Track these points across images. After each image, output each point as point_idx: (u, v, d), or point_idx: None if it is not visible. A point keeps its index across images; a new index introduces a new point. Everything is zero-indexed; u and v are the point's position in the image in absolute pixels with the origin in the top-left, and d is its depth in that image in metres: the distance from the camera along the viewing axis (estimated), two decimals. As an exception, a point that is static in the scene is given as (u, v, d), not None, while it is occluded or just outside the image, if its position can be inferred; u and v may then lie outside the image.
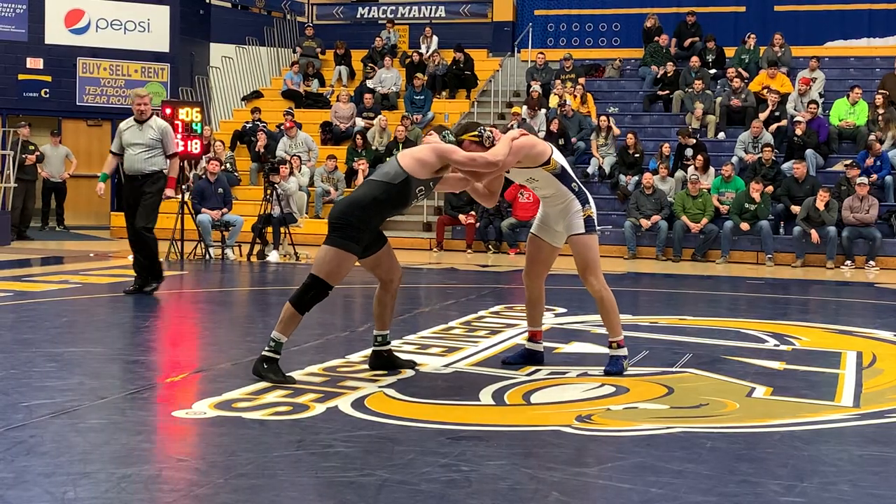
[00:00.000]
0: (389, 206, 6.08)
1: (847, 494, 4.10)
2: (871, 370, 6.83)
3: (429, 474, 4.20)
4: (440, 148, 6.03)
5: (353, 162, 18.76)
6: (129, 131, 10.39)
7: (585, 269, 6.39)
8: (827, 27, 22.04)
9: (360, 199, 6.02)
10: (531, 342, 6.78)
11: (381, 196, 5.99)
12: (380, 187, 6.00)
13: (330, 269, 6.07)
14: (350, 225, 6.02)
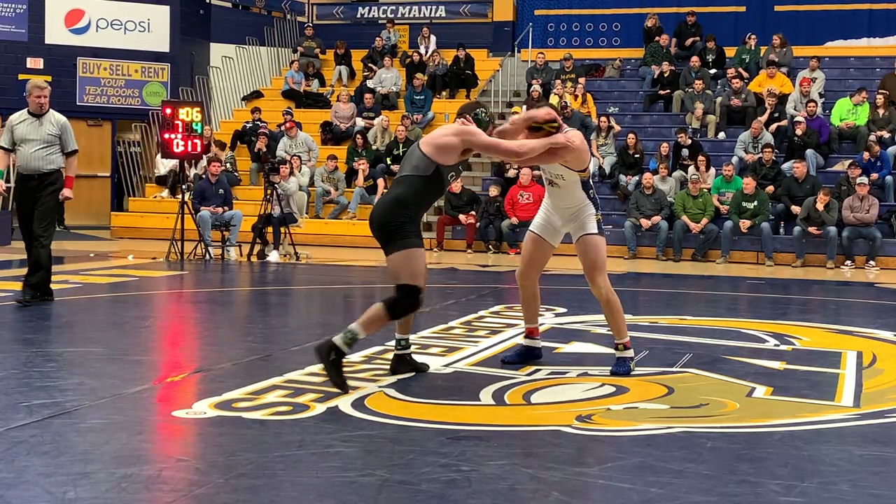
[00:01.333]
0: (429, 197, 6.14)
1: (847, 494, 4.10)
2: (871, 370, 6.83)
3: (429, 474, 4.20)
4: (463, 130, 6.04)
5: (354, 162, 18.76)
6: (24, 125, 9.38)
7: (594, 270, 6.42)
8: (827, 27, 22.04)
9: (402, 196, 6.01)
10: (528, 339, 6.79)
11: (420, 189, 6.01)
12: (416, 182, 6.00)
13: (410, 271, 5.90)
14: (404, 223, 5.96)
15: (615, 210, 17.47)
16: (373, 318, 5.87)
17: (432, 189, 6.07)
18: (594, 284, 6.43)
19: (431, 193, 6.10)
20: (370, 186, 18.30)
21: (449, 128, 6.15)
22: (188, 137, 15.15)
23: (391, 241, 5.93)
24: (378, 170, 18.57)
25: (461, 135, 6.02)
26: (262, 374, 6.15)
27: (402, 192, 6.02)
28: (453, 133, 6.03)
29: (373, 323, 5.87)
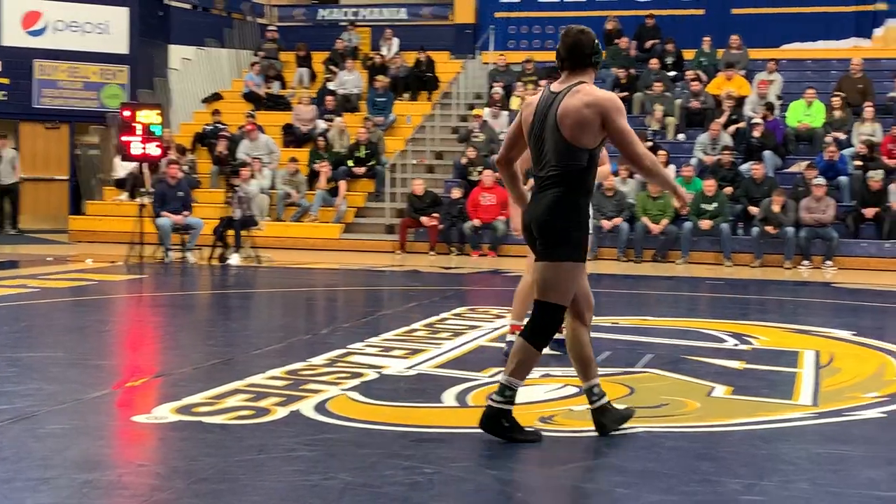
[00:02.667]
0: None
1: (806, 492, 4.15)
2: (828, 369, 6.91)
3: (392, 477, 4.20)
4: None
5: (315, 164, 18.71)
6: None
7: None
8: (783, 30, 22.24)
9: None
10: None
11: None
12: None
13: (564, 290, 4.89)
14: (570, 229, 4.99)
15: (576, 211, 17.51)
16: (524, 360, 4.87)
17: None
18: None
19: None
20: (332, 189, 18.25)
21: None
22: (148, 140, 15.04)
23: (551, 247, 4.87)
24: (340, 172, 18.53)
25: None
26: (224, 379, 6.11)
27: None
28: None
29: (523, 365, 4.88)
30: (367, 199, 18.88)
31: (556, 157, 4.82)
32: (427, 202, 17.25)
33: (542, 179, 4.89)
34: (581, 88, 4.82)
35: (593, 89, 4.85)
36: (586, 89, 4.83)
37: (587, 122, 4.75)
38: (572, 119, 4.76)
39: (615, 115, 4.76)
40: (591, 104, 4.76)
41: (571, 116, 4.76)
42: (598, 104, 4.76)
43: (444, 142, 20.20)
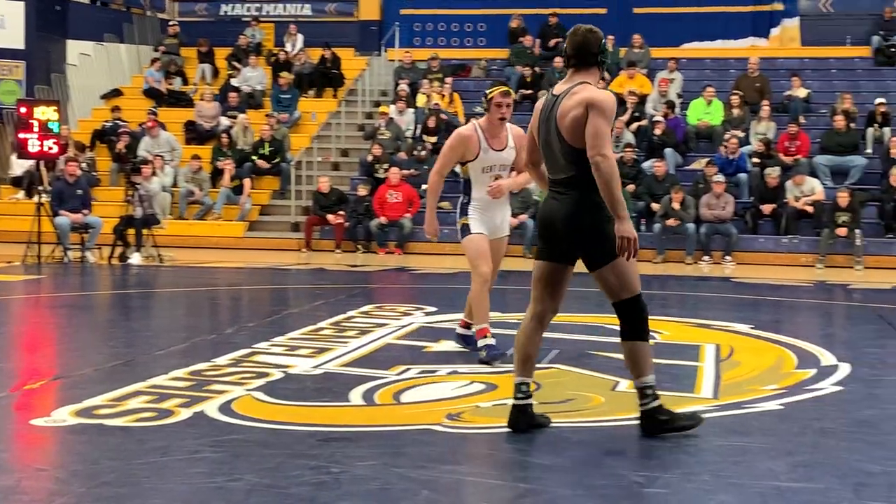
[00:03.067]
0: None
1: (708, 484, 4.22)
2: (728, 362, 7.05)
3: (298, 477, 4.16)
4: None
5: (219, 161, 18.48)
6: None
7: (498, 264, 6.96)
8: (684, 29, 22.63)
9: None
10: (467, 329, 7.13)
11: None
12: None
13: (631, 282, 5.04)
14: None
15: (482, 209, 17.60)
16: (641, 357, 4.99)
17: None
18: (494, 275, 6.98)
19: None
20: (236, 187, 18.05)
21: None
22: (45, 137, 14.68)
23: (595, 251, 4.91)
24: (245, 169, 18.33)
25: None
26: (125, 380, 6.00)
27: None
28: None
29: (645, 361, 4.99)
30: (271, 197, 18.72)
31: (565, 160, 4.83)
32: (333, 200, 17.17)
33: (556, 183, 4.93)
34: (578, 89, 4.84)
35: (590, 89, 4.85)
36: (583, 89, 4.83)
37: (580, 121, 4.74)
38: (568, 121, 4.78)
39: (597, 112, 4.72)
40: (581, 102, 4.76)
41: (567, 118, 4.78)
42: (586, 100, 4.75)
43: (350, 139, 20.12)
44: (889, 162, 16.66)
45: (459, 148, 6.79)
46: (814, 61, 21.48)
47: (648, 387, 4.92)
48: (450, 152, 6.85)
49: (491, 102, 6.78)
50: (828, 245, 15.50)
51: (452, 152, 6.83)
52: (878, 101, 18.30)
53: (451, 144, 6.86)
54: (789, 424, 5.30)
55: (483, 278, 6.77)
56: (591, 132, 4.70)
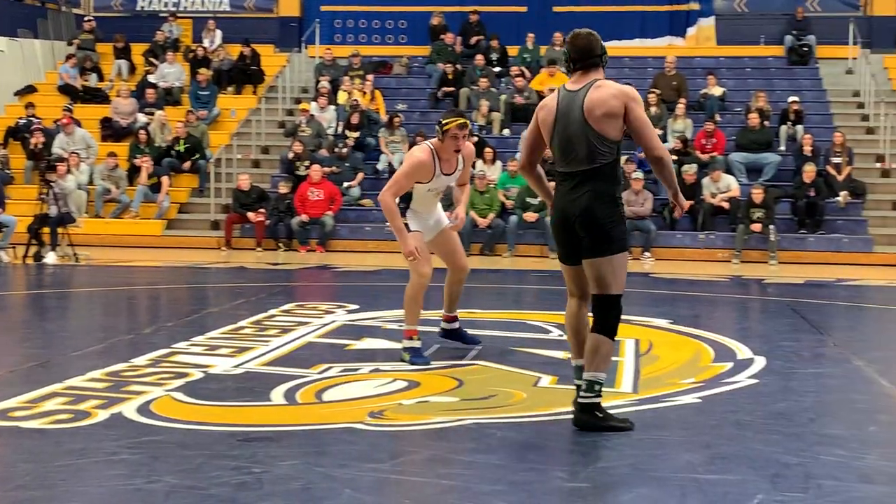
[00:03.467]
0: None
1: (628, 477, 4.27)
2: (648, 357, 7.14)
3: (219, 478, 4.12)
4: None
5: (136, 159, 18.20)
6: None
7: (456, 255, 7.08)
8: (602, 28, 22.48)
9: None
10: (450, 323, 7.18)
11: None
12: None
13: (621, 280, 5.11)
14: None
15: (404, 206, 17.59)
16: (604, 352, 5.06)
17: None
18: (464, 270, 7.09)
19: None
20: (154, 184, 17.80)
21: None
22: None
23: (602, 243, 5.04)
24: (163, 167, 18.09)
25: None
26: (41, 382, 5.89)
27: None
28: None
29: (606, 358, 5.08)
30: (190, 195, 18.50)
31: (587, 152, 5.04)
32: (253, 197, 17.02)
33: (572, 176, 5.09)
34: (603, 83, 5.10)
35: (614, 83, 5.14)
36: (608, 83, 5.11)
37: (614, 112, 5.01)
38: (601, 111, 5.00)
39: (636, 105, 5.06)
40: (616, 95, 5.03)
41: (600, 108, 5.00)
42: (623, 94, 5.05)
43: (270, 136, 19.96)
44: (802, 159, 17.04)
45: (416, 175, 6.69)
46: (729, 60, 21.86)
47: (598, 383, 5.05)
48: (406, 180, 6.68)
49: (447, 134, 6.63)
50: (743, 241, 15.79)
51: (409, 180, 6.68)
52: (792, 100, 18.69)
53: (407, 172, 6.67)
54: (707, 417, 5.39)
55: (423, 279, 6.73)
56: (641, 125, 5.06)
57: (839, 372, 6.70)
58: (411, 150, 6.96)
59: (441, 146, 6.70)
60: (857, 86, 20.72)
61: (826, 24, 21.87)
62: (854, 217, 16.80)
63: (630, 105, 5.03)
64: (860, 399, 5.89)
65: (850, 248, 16.11)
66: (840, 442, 4.83)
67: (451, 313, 7.21)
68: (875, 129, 19.07)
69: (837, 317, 10.12)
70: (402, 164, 6.82)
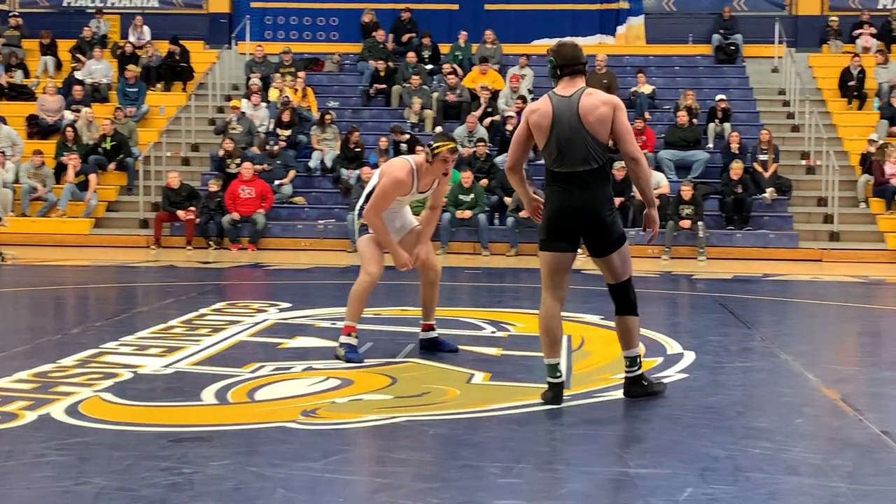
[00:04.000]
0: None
1: (561, 472, 4.31)
2: (580, 352, 7.20)
3: (149, 479, 4.08)
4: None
5: (63, 157, 17.92)
6: None
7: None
8: (534, 26, 22.99)
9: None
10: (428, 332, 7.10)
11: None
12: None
13: (629, 265, 5.72)
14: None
15: (338, 204, 17.58)
16: (634, 330, 5.67)
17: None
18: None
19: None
20: (81, 182, 17.53)
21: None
22: None
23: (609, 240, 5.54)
24: (90, 164, 17.82)
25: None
26: (-35, 384, 5.76)
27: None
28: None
29: (636, 334, 5.69)
30: (118, 193, 18.26)
31: (584, 154, 5.41)
32: (183, 195, 16.85)
33: (572, 176, 5.42)
34: (591, 91, 5.52)
35: (600, 91, 5.61)
36: (596, 91, 5.55)
37: (605, 118, 5.41)
38: (595, 116, 5.40)
39: (622, 113, 5.48)
40: (606, 102, 5.46)
41: (594, 114, 5.41)
42: (611, 102, 5.48)
43: (200, 133, 19.77)
44: (730, 156, 17.30)
45: (395, 193, 6.64)
46: (658, 59, 22.13)
47: (637, 356, 5.66)
48: (385, 200, 6.62)
49: (437, 157, 6.59)
50: (672, 237, 15.99)
51: (388, 199, 6.64)
52: (719, 98, 18.97)
53: (387, 191, 6.60)
54: (638, 412, 5.45)
55: (371, 278, 6.71)
56: (624, 130, 5.45)
57: (766, 366, 6.81)
58: (391, 166, 6.77)
59: (427, 167, 6.66)
60: (782, 84, 21.11)
61: (752, 24, 22.24)
62: (780, 213, 17.11)
63: (617, 113, 5.44)
64: (786, 392, 6.00)
65: (777, 243, 16.40)
66: (767, 435, 4.92)
67: (428, 322, 7.09)
68: (800, 126, 19.44)
69: (764, 311, 10.29)
70: (382, 179, 6.66)
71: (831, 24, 21.98)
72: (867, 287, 12.88)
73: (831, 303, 11.14)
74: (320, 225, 17.06)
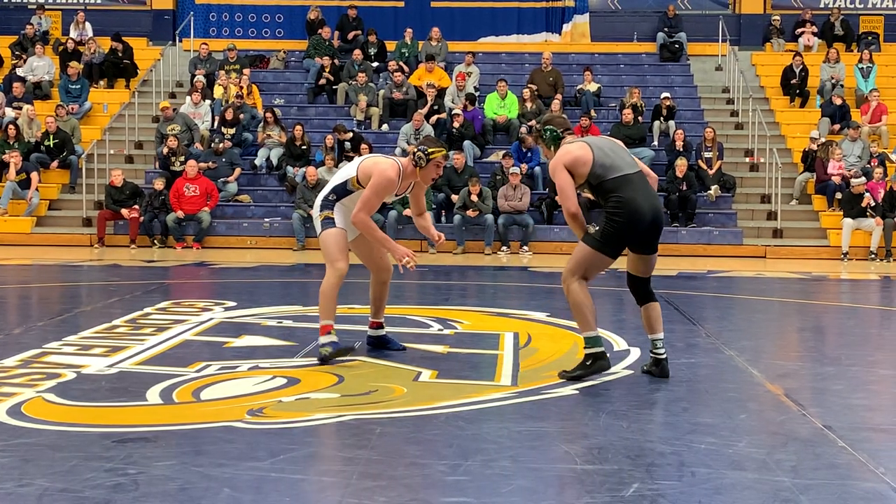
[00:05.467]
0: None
1: (507, 469, 4.32)
2: (527, 350, 7.22)
3: (93, 480, 4.03)
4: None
5: (4, 154, 17.65)
6: None
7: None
8: (480, 24, 23.06)
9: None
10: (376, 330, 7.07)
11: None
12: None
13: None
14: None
15: (284, 202, 17.49)
16: (658, 316, 6.38)
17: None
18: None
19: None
20: (23, 180, 17.27)
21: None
22: None
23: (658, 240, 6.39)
24: (31, 162, 17.56)
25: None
26: None
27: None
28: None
29: (660, 318, 6.38)
30: (61, 191, 18.03)
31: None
32: (126, 193, 16.67)
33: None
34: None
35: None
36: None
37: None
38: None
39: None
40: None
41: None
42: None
43: (144, 131, 19.56)
44: (674, 154, 17.46)
45: (384, 194, 6.56)
46: (603, 56, 22.27)
47: (662, 339, 6.29)
48: (377, 199, 6.53)
49: (431, 162, 6.52)
50: (619, 234, 16.08)
51: (379, 199, 6.56)
52: (664, 96, 19.14)
53: (378, 192, 6.48)
54: (584, 408, 5.48)
55: (340, 272, 6.54)
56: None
57: (711, 362, 6.88)
58: (378, 165, 6.58)
59: (411, 170, 6.57)
60: (726, 82, 21.35)
61: (696, 22, 22.48)
62: (724, 210, 17.31)
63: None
64: (731, 388, 6.07)
65: (721, 240, 16.59)
66: (712, 430, 4.96)
67: (377, 319, 7.05)
68: (744, 124, 19.68)
69: (709, 308, 10.40)
70: (374, 179, 6.48)
71: (774, 22, 22.27)
72: (810, 283, 13.07)
73: (775, 299, 11.29)
74: (266, 223, 16.97)
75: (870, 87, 19.76)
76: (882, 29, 22.56)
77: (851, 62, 20.48)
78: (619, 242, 6.21)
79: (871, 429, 5.15)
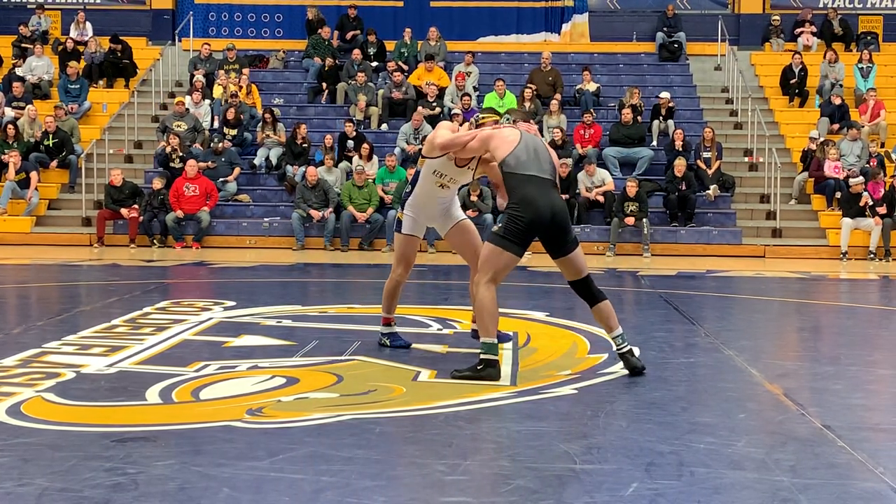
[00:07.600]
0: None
1: (506, 469, 4.32)
2: (526, 349, 7.22)
3: (92, 480, 4.03)
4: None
5: (4, 154, 17.64)
6: None
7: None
8: (479, 23, 23.07)
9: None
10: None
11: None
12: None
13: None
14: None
15: (283, 201, 17.49)
16: (612, 312, 6.33)
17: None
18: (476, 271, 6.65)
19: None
20: (22, 180, 17.27)
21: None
22: None
23: (569, 240, 6.24)
24: (31, 162, 17.56)
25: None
26: None
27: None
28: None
29: (614, 315, 6.34)
30: (60, 191, 18.03)
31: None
32: (126, 193, 16.67)
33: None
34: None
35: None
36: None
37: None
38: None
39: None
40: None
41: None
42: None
43: (143, 131, 19.57)
44: (674, 154, 17.46)
45: (451, 134, 6.51)
46: (603, 56, 22.27)
47: (622, 333, 6.29)
48: (449, 137, 6.49)
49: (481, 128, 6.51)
50: (617, 234, 16.11)
51: (452, 139, 6.48)
52: (663, 95, 19.13)
53: (449, 130, 6.59)
54: (583, 408, 5.48)
55: (395, 279, 6.99)
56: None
57: (710, 361, 6.88)
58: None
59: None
60: (725, 82, 21.35)
61: (696, 22, 22.48)
62: (723, 210, 17.31)
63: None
64: (730, 388, 6.07)
65: (720, 240, 16.60)
66: (711, 430, 4.97)
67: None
68: (743, 123, 19.68)
69: (708, 307, 10.40)
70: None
71: (773, 22, 22.27)
72: (809, 283, 13.08)
73: (774, 299, 11.29)
74: (265, 223, 16.97)
75: (869, 87, 19.77)
76: (881, 29, 22.57)
77: (851, 62, 20.49)
78: (521, 239, 6.13)
79: (870, 428, 5.15)
